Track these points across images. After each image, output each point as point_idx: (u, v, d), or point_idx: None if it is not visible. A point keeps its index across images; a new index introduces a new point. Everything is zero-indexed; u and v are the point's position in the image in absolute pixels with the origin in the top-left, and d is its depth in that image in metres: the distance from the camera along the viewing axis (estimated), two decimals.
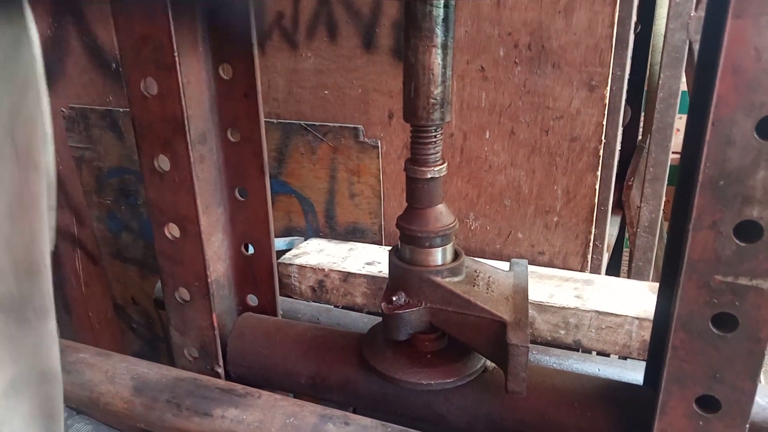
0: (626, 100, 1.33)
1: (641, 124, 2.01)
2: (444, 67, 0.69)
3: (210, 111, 0.87)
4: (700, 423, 0.63)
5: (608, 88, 1.14)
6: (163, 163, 0.81)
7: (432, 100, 0.70)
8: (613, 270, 2.00)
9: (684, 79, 1.50)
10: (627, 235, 1.88)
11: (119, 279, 1.95)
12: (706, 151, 0.54)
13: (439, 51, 0.68)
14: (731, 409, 0.61)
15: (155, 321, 1.97)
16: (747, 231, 0.55)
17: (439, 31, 0.67)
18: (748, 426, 0.61)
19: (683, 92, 1.55)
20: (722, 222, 0.56)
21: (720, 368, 0.60)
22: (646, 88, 1.93)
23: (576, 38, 1.13)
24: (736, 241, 0.56)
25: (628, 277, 1.76)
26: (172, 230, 0.85)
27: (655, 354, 0.77)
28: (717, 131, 0.53)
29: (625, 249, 2.25)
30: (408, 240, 0.78)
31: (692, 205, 0.56)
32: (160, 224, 0.85)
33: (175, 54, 0.73)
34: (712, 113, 0.53)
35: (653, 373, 0.77)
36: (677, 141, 1.50)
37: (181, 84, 0.75)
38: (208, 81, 0.86)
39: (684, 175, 0.67)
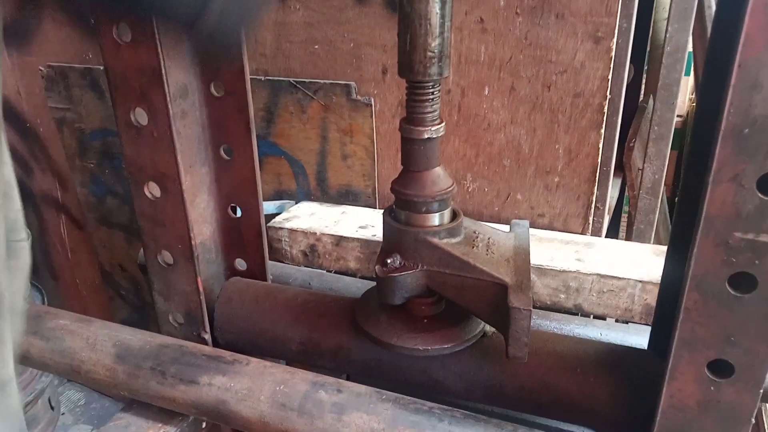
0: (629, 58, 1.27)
1: (643, 83, 1.95)
2: (442, 17, 0.64)
3: (191, 63, 0.81)
4: (711, 388, 0.60)
5: (614, 41, 1.08)
6: (140, 116, 0.76)
7: (429, 54, 0.65)
8: (612, 233, 1.97)
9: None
10: (626, 197, 1.84)
11: (105, 245, 1.90)
12: (731, 96, 0.50)
13: None
14: (744, 373, 0.59)
15: (143, 287, 1.93)
16: None
17: None
18: (762, 392, 0.58)
19: (688, 52, 1.49)
20: (744, 174, 0.52)
21: (734, 331, 0.58)
22: (648, 47, 1.87)
23: None
24: (759, 195, 0.52)
25: (627, 240, 1.73)
26: (152, 189, 0.81)
27: (662, 317, 0.75)
28: (743, 74, 0.50)
29: (623, 213, 2.22)
30: (404, 205, 0.74)
31: (712, 157, 0.52)
32: (139, 183, 0.81)
33: None
34: (738, 53, 0.49)
35: (660, 337, 0.74)
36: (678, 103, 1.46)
37: (156, 30, 0.70)
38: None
39: (699, 128, 0.63)
